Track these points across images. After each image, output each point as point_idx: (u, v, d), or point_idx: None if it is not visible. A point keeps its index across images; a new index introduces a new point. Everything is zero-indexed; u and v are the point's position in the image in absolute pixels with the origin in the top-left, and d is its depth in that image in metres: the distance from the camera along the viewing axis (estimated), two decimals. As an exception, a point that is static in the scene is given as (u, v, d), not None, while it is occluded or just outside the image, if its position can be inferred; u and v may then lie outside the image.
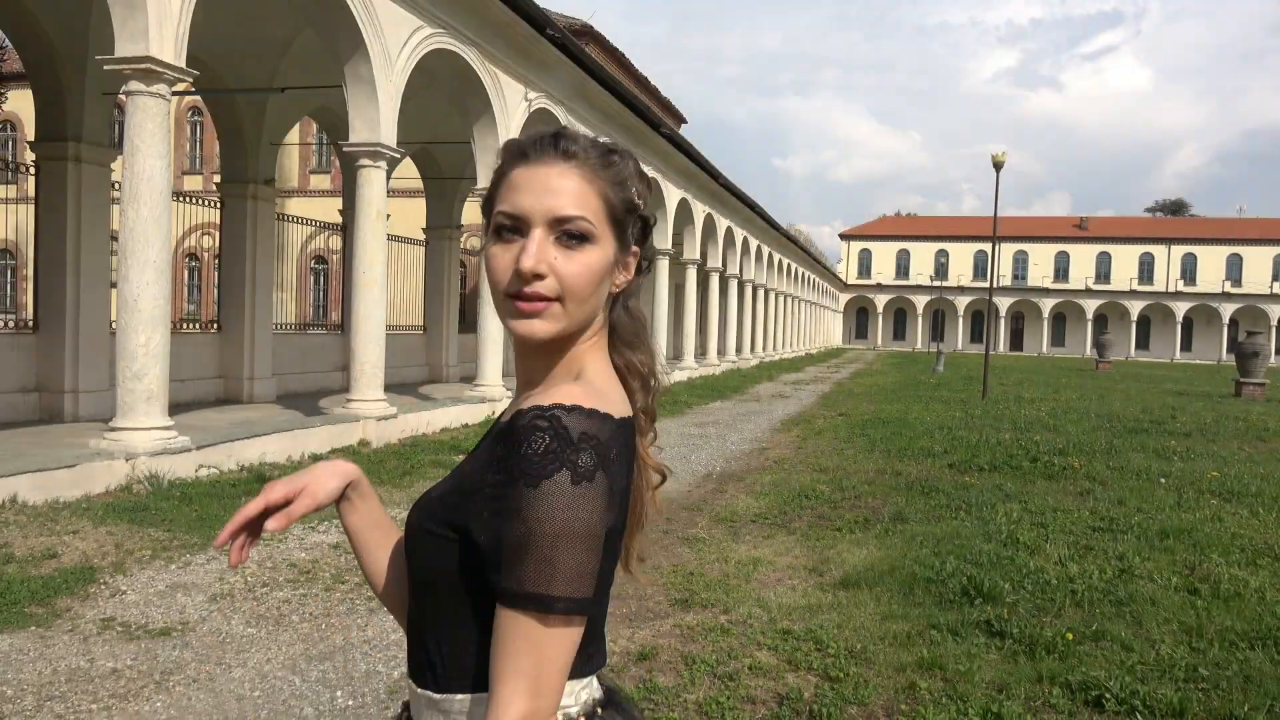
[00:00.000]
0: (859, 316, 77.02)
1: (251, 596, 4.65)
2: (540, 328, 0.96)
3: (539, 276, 0.94)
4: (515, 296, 0.95)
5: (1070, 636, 4.03)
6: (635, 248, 1.03)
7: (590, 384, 0.97)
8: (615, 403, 0.95)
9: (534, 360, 1.02)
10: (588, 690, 0.99)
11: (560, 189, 0.96)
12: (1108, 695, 3.41)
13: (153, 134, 7.02)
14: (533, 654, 0.85)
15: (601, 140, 1.03)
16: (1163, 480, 8.45)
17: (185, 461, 7.39)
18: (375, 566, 1.17)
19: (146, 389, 7.09)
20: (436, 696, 0.98)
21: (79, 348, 10.27)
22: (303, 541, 5.81)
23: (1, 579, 4.61)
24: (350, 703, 3.43)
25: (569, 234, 0.96)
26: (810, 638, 4.04)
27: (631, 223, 1.02)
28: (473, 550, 0.92)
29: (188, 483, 7.14)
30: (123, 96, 7.69)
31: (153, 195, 7.02)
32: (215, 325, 13.75)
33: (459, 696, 0.97)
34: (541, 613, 0.85)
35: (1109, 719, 3.28)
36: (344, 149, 10.27)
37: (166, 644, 3.95)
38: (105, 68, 7.09)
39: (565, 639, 0.87)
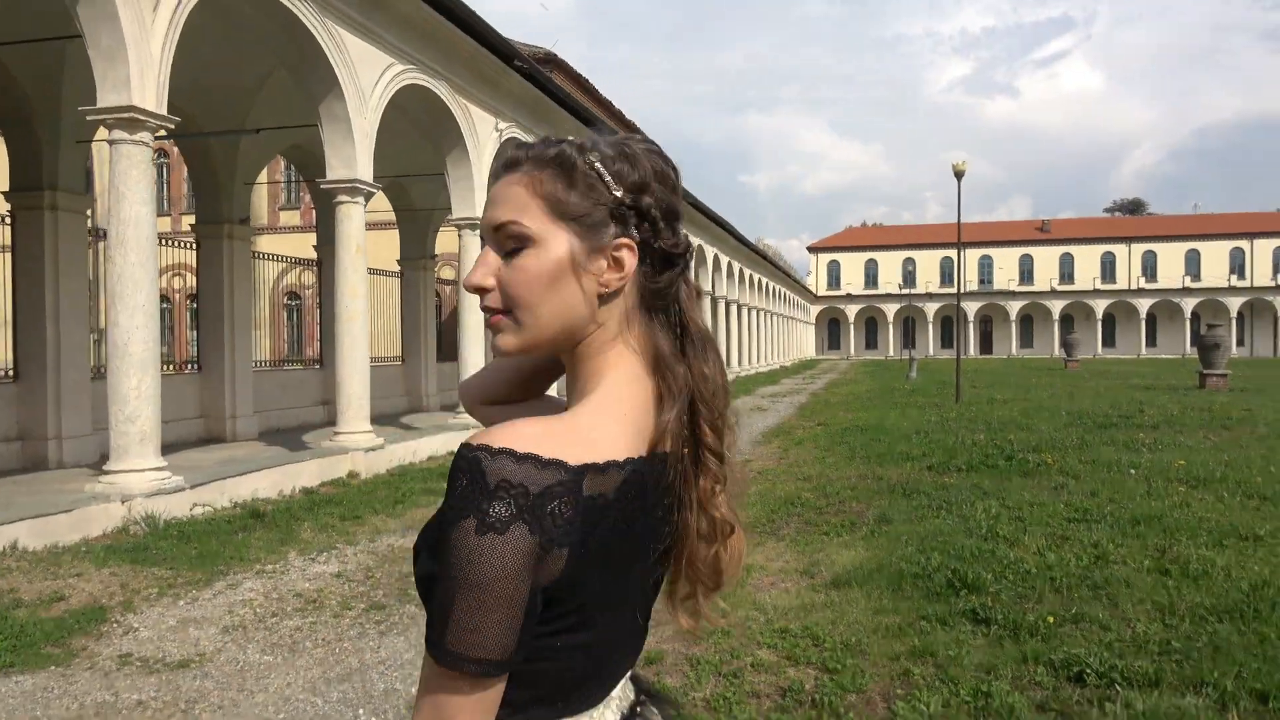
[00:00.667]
0: (831, 327, 77.84)
1: (263, 627, 4.77)
2: (502, 341, 0.95)
3: (484, 290, 0.94)
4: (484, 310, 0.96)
5: (1051, 619, 4.26)
6: (624, 238, 0.93)
7: (577, 415, 0.90)
8: (591, 442, 0.85)
9: (568, 374, 0.99)
10: None
11: (501, 199, 0.94)
12: (1088, 670, 3.63)
13: (138, 181, 7.16)
14: (431, 702, 0.82)
15: (552, 138, 0.97)
16: (1132, 471, 8.76)
17: (180, 501, 7.47)
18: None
19: (140, 431, 7.18)
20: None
21: (60, 394, 10.29)
22: (304, 572, 5.93)
23: (14, 623, 4.70)
24: (374, 719, 3.58)
25: (507, 241, 0.93)
26: (807, 634, 4.24)
27: (599, 212, 0.93)
28: None
29: (184, 521, 7.22)
30: (105, 145, 7.83)
31: (140, 241, 7.15)
32: (192, 366, 13.77)
33: None
34: (437, 663, 0.81)
35: (1090, 691, 3.50)
36: (321, 186, 10.42)
37: (186, 675, 4.07)
38: (88, 118, 7.22)
39: (461, 695, 0.81)
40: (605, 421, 0.89)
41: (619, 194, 0.93)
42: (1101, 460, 9.54)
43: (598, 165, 0.93)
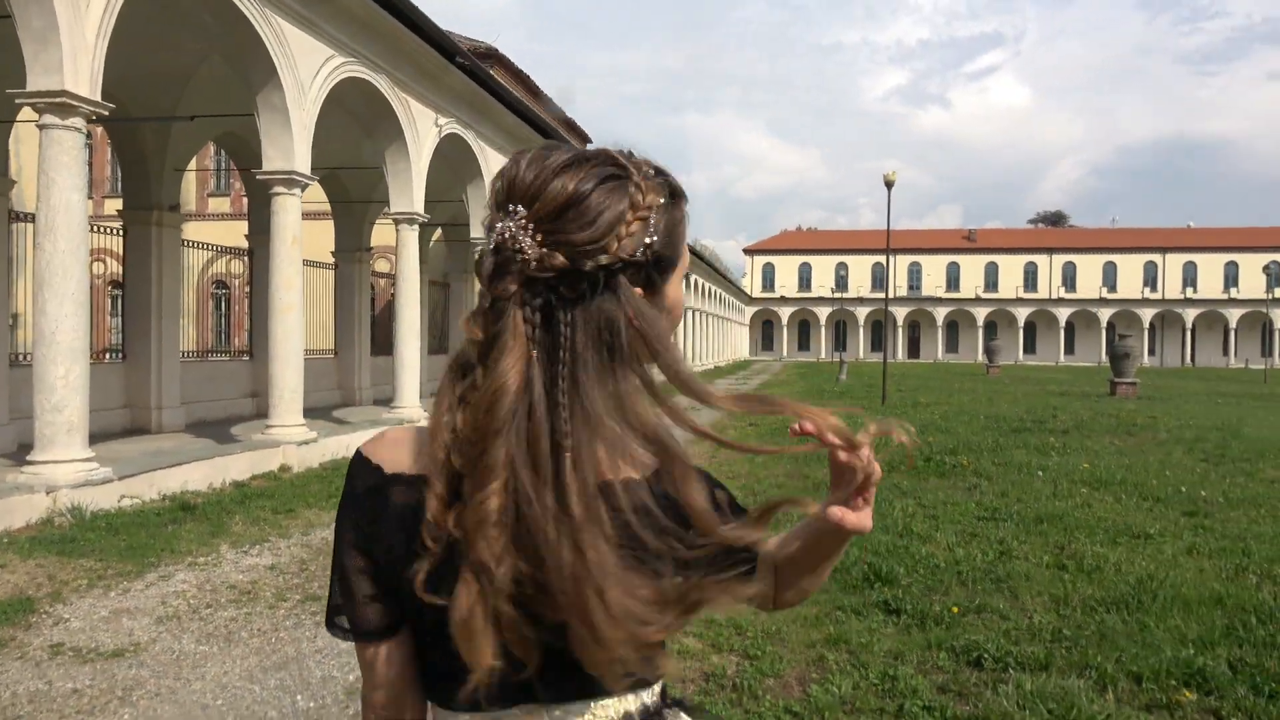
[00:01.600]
0: (765, 328, 78.99)
1: (197, 618, 4.81)
2: None
3: None
4: None
5: (955, 610, 4.58)
6: None
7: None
8: (421, 452, 0.93)
9: None
10: None
11: None
12: (986, 656, 3.94)
13: (68, 167, 7.04)
14: None
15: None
16: (1040, 473, 9.26)
17: (107, 492, 7.37)
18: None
19: (67, 421, 7.07)
20: None
21: (-23, 382, 10.00)
22: (237, 564, 5.95)
23: (-61, 613, 4.65)
24: (311, 704, 3.69)
25: None
26: (731, 625, 4.46)
27: None
28: None
29: (112, 514, 7.14)
30: (27, 125, 7.67)
31: (70, 228, 7.04)
32: (114, 355, 13.45)
33: None
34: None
35: (987, 675, 3.80)
36: (258, 177, 10.33)
37: (121, 664, 4.10)
38: (17, 100, 7.08)
39: (358, 656, 0.99)
40: (420, 435, 0.97)
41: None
42: (1013, 463, 10.05)
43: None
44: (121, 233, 13.16)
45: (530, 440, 0.85)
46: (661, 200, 0.93)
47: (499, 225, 0.88)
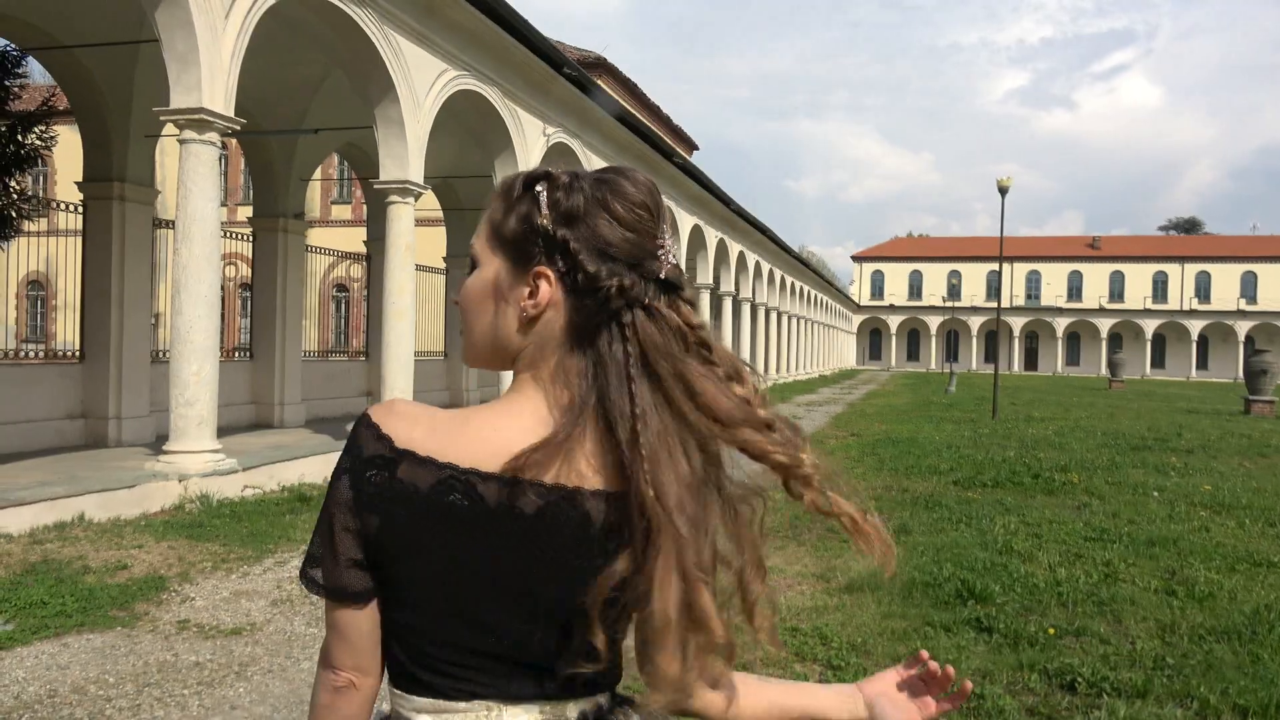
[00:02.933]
0: (872, 338, 77.33)
1: (308, 602, 5.12)
2: (463, 355, 1.06)
3: (458, 304, 1.02)
4: None
5: (1052, 631, 4.45)
6: (544, 265, 0.94)
7: (453, 412, 0.96)
8: (436, 436, 0.93)
9: None
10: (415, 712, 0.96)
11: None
12: (1080, 679, 3.82)
13: (204, 178, 7.60)
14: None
15: (549, 169, 1.00)
16: (1157, 494, 8.82)
17: (232, 482, 7.89)
18: None
19: (198, 415, 7.62)
20: None
21: (122, 376, 10.82)
22: (347, 554, 6.28)
23: (84, 587, 5.11)
24: (407, 689, 3.89)
25: (469, 261, 1.02)
26: (816, 634, 4.47)
27: (529, 238, 0.95)
28: None
29: (235, 502, 7.64)
30: (171, 139, 8.31)
31: (204, 235, 7.59)
32: (243, 353, 14.33)
33: None
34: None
35: (1080, 699, 3.69)
36: (374, 186, 10.85)
37: (239, 641, 4.42)
38: (161, 118, 7.69)
39: (328, 615, 0.96)
40: (467, 426, 0.94)
41: (543, 222, 0.94)
42: (1128, 482, 9.60)
43: (539, 193, 0.96)
44: (251, 239, 14.02)
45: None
46: None
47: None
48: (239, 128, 8.00)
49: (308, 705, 3.39)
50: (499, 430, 0.93)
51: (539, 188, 0.96)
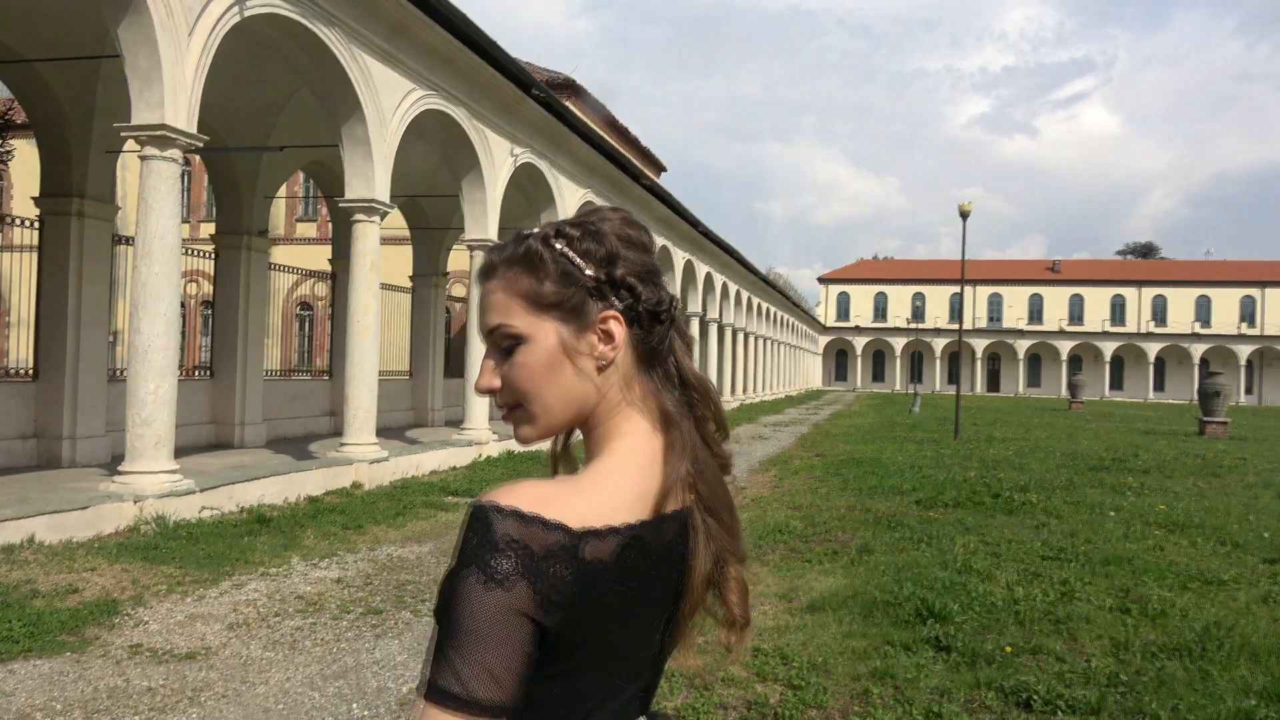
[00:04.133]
0: (838, 358, 78.01)
1: (265, 625, 5.04)
2: (522, 434, 1.01)
3: (493, 391, 1.00)
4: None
5: (1009, 649, 4.51)
6: (608, 310, 0.98)
7: (583, 479, 0.94)
8: (594, 506, 0.90)
9: (584, 441, 1.04)
10: None
11: (487, 305, 1.01)
12: (1035, 697, 3.88)
13: (166, 195, 7.51)
14: None
15: (522, 234, 1.02)
16: (1113, 514, 8.98)
17: (189, 503, 7.76)
18: None
19: (155, 434, 7.49)
20: None
21: (77, 395, 10.61)
22: (306, 576, 6.20)
23: (32, 611, 4.98)
24: (365, 713, 3.84)
25: (503, 341, 1.00)
26: (777, 654, 4.49)
27: (577, 294, 0.98)
28: None
29: (192, 524, 7.51)
30: (132, 155, 8.21)
31: (164, 252, 7.50)
32: (203, 371, 14.13)
33: None
34: (439, 705, 0.82)
35: (1035, 716, 3.74)
36: (340, 204, 10.80)
37: (193, 666, 4.34)
38: (122, 134, 7.60)
39: None
40: (610, 485, 0.93)
41: (591, 272, 0.98)
42: (1086, 502, 9.76)
43: (565, 251, 0.98)
44: (214, 256, 13.86)
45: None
46: None
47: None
48: (202, 145, 7.93)
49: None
50: (639, 471, 0.96)
51: (560, 246, 0.99)
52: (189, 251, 14.64)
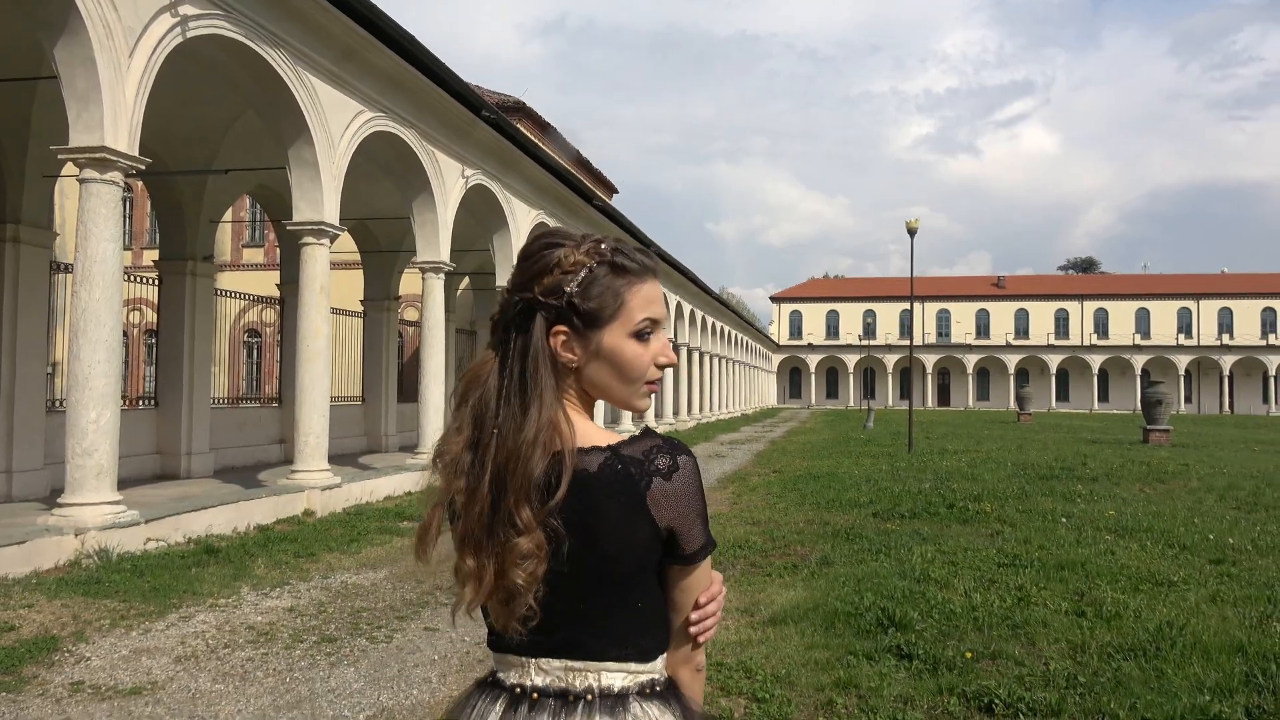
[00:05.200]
0: (792, 376, 78.70)
1: (215, 657, 4.88)
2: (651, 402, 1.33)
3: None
4: (651, 381, 1.29)
5: (969, 655, 4.53)
6: None
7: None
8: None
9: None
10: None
11: (658, 299, 1.30)
12: (997, 701, 3.90)
13: (106, 219, 7.32)
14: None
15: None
16: (1064, 520, 9.14)
17: (134, 535, 7.51)
18: None
19: (97, 465, 7.24)
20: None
21: (13, 428, 10.25)
22: (257, 606, 6.02)
23: (-35, 651, 4.76)
24: (320, 743, 3.72)
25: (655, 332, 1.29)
26: (741, 668, 4.46)
27: None
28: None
29: (137, 556, 7.26)
30: (70, 180, 8.00)
31: (105, 277, 7.29)
32: (146, 401, 13.74)
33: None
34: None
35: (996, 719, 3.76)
36: (288, 227, 10.63)
37: (139, 701, 4.17)
38: (60, 156, 7.40)
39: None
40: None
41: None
42: (1038, 510, 9.92)
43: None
44: (157, 282, 13.54)
45: (476, 417, 1.25)
46: (591, 265, 1.24)
47: None
48: (143, 167, 7.74)
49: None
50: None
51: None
52: (132, 278, 14.31)
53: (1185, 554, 7.41)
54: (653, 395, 1.30)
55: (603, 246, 1.26)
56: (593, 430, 1.25)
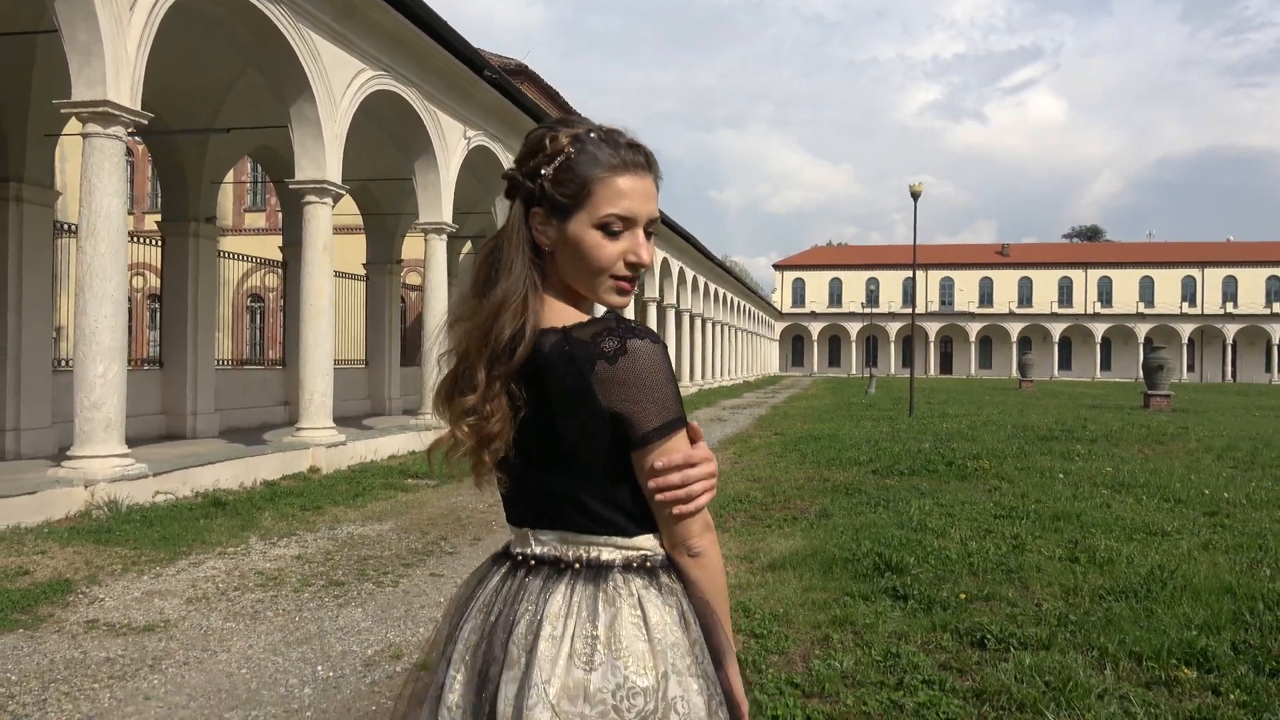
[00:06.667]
0: (795, 344, 78.69)
1: (225, 599, 4.99)
2: (630, 300, 1.32)
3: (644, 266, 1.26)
4: (620, 278, 1.27)
5: (963, 596, 4.63)
6: None
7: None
8: None
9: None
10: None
11: (654, 196, 1.28)
12: (989, 637, 3.99)
13: (110, 173, 7.34)
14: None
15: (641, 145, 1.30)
16: (1062, 476, 9.23)
17: (143, 488, 7.62)
18: None
19: (105, 418, 7.33)
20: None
21: (21, 386, 10.34)
22: (265, 554, 6.13)
23: (-18, 592, 4.87)
24: (330, 674, 3.83)
25: (648, 229, 1.28)
26: (740, 608, 4.55)
27: None
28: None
29: (146, 508, 7.38)
30: (72, 138, 8.01)
31: (110, 232, 7.33)
32: (153, 363, 13.83)
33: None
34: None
35: (989, 654, 3.86)
36: (290, 186, 10.63)
37: (152, 638, 4.28)
38: (62, 111, 7.41)
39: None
40: None
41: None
42: (1036, 467, 10.01)
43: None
44: (160, 244, 13.56)
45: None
46: (571, 151, 1.25)
47: None
48: (145, 122, 7.74)
49: (225, 695, 3.38)
50: None
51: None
52: (135, 239, 14.32)
53: (1180, 507, 7.50)
54: (627, 295, 1.29)
55: (590, 135, 1.26)
56: (566, 313, 1.26)
